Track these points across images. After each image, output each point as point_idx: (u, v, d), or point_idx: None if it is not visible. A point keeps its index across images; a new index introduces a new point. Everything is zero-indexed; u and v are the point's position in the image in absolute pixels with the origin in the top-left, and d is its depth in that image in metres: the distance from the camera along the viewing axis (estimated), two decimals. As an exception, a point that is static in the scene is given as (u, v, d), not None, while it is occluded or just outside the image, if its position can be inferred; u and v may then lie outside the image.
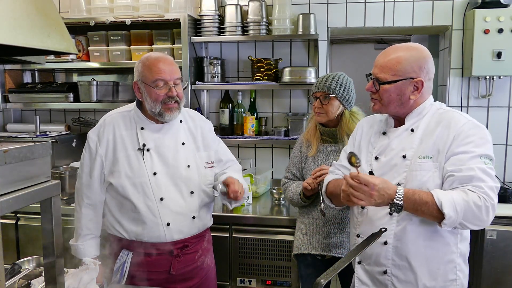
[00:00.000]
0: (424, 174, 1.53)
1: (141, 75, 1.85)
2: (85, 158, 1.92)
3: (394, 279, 1.60)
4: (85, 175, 1.91)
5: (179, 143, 1.93)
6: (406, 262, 1.58)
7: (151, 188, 1.85)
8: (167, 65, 1.84)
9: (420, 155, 1.56)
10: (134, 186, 1.85)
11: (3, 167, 0.95)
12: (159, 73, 1.81)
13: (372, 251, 1.63)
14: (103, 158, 1.88)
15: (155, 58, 1.85)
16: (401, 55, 1.58)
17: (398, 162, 1.60)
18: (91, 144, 1.90)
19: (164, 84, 1.82)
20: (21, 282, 1.52)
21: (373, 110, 1.68)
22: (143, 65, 1.85)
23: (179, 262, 1.91)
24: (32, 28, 1.01)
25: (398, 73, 1.57)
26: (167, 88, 1.82)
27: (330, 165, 2.14)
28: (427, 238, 1.56)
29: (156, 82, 1.81)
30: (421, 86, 1.58)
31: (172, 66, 1.86)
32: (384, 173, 1.61)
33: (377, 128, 1.75)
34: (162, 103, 1.83)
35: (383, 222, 1.59)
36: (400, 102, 1.60)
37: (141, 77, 1.85)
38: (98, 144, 1.89)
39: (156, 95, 1.81)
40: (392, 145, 1.64)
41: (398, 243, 1.58)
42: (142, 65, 1.86)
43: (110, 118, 1.94)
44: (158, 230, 1.85)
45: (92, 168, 1.89)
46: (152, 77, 1.81)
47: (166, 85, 1.82)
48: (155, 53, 1.92)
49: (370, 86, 1.64)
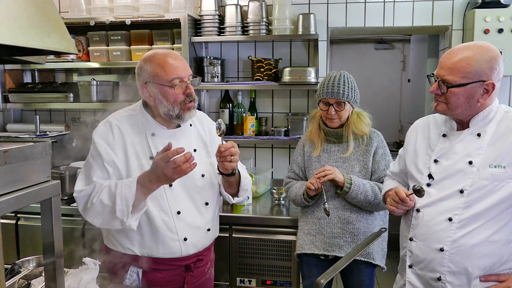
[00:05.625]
0: (496, 184, 1.46)
1: (152, 76, 1.67)
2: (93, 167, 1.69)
3: (448, 285, 1.53)
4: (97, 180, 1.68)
5: (191, 150, 1.75)
6: (463, 269, 1.50)
7: (167, 201, 1.71)
8: (179, 60, 1.69)
9: (491, 164, 1.49)
10: (150, 199, 1.66)
11: (3, 167, 0.95)
12: (175, 71, 1.65)
13: (425, 256, 1.56)
14: (118, 166, 1.69)
15: (164, 55, 1.69)
16: (471, 55, 1.46)
17: (463, 168, 1.52)
18: (100, 151, 1.68)
19: (179, 82, 1.66)
20: (21, 282, 1.52)
21: (436, 110, 1.58)
22: (154, 64, 1.67)
23: (192, 276, 1.81)
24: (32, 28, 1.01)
25: (469, 76, 1.46)
26: (184, 86, 1.67)
27: (334, 165, 2.15)
28: (487, 245, 1.48)
29: (173, 81, 1.65)
30: (491, 89, 1.49)
31: (183, 61, 1.72)
32: (446, 177, 1.56)
33: (434, 130, 1.67)
34: (180, 104, 1.67)
35: (442, 227, 1.53)
36: (468, 105, 1.50)
37: (152, 78, 1.67)
38: (109, 150, 1.69)
39: (175, 95, 1.66)
40: (456, 149, 1.56)
41: (455, 250, 1.50)
42: (152, 64, 1.68)
43: (116, 121, 1.75)
44: (174, 246, 1.72)
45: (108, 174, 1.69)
46: (167, 76, 1.65)
47: (182, 83, 1.67)
48: (160, 49, 1.76)
49: (436, 89, 1.53)
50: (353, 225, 2.13)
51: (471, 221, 1.49)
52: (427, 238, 1.56)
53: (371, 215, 2.17)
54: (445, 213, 1.52)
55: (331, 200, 2.15)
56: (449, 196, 1.54)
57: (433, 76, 1.57)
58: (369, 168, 2.16)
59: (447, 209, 1.53)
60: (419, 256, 1.59)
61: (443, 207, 1.54)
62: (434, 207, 1.57)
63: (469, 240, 1.49)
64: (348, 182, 2.06)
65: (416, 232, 1.61)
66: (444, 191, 1.56)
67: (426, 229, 1.57)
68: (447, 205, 1.54)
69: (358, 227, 2.13)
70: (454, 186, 1.52)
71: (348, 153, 2.16)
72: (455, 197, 1.53)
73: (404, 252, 1.67)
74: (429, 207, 1.58)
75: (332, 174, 2.04)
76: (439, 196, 1.57)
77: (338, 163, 2.17)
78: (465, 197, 1.51)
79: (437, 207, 1.56)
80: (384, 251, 2.22)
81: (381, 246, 2.20)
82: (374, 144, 2.17)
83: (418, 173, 1.67)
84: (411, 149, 1.74)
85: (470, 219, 1.49)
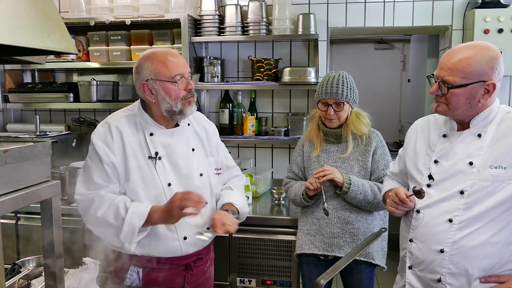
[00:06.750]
0: (497, 185, 1.46)
1: (154, 73, 1.70)
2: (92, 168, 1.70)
3: (449, 286, 1.53)
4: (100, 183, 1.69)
5: (190, 150, 1.82)
6: (463, 270, 1.50)
7: (167, 201, 1.70)
8: (178, 58, 1.74)
9: (491, 165, 1.48)
10: (149, 199, 1.70)
11: (3, 167, 0.95)
12: (177, 67, 1.70)
13: (425, 257, 1.56)
14: (117, 166, 1.70)
15: (165, 52, 1.73)
16: (471, 55, 1.45)
17: (464, 169, 1.52)
18: (99, 152, 1.69)
19: (181, 78, 1.71)
20: (21, 282, 1.52)
21: (437, 111, 1.58)
22: (156, 62, 1.70)
23: (192, 275, 1.83)
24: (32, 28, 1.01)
25: (469, 76, 1.45)
26: (185, 82, 1.72)
27: (333, 165, 2.15)
28: (487, 246, 1.48)
29: (175, 78, 1.69)
30: (492, 89, 1.47)
31: (182, 58, 1.77)
32: (446, 178, 1.55)
33: (435, 130, 1.67)
34: (182, 100, 1.72)
35: (442, 228, 1.52)
36: (469, 106, 1.49)
37: (154, 75, 1.70)
38: (108, 151, 1.69)
39: (178, 91, 1.70)
40: (456, 150, 1.56)
41: (455, 251, 1.50)
42: (153, 62, 1.70)
43: (115, 121, 1.76)
44: (174, 245, 1.74)
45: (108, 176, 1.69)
46: (170, 72, 1.69)
47: (184, 79, 1.72)
48: (158, 48, 1.79)
49: (436, 90, 1.52)
50: (353, 225, 2.13)
51: (472, 222, 1.49)
52: (427, 239, 1.56)
53: (370, 215, 2.17)
54: (445, 214, 1.52)
55: (331, 200, 2.15)
56: (449, 197, 1.54)
57: (433, 77, 1.56)
58: (368, 168, 2.16)
59: (447, 210, 1.53)
60: (419, 257, 1.58)
61: (443, 208, 1.54)
62: (434, 208, 1.56)
63: (469, 242, 1.48)
64: (347, 182, 2.06)
65: (416, 233, 1.60)
66: (444, 192, 1.56)
67: (426, 230, 1.57)
68: (447, 206, 1.53)
69: (358, 227, 2.13)
70: (454, 187, 1.52)
71: (347, 153, 2.16)
72: (455, 198, 1.52)
73: (404, 253, 1.67)
74: (429, 208, 1.58)
75: (331, 174, 2.04)
76: (439, 197, 1.56)
77: (337, 163, 2.17)
78: (465, 198, 1.50)
79: (437, 208, 1.56)
80: (384, 251, 2.22)
81: (381, 246, 2.20)
82: (373, 144, 2.17)
83: (418, 173, 1.66)
84: (411, 150, 1.73)
85: (470, 220, 1.49)
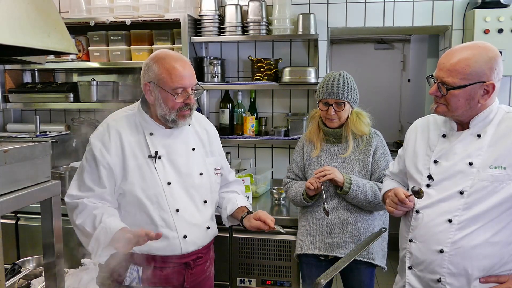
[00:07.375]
0: (496, 185, 1.46)
1: (157, 78, 1.68)
2: (85, 170, 1.71)
3: (448, 286, 1.53)
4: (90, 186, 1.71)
5: (189, 149, 1.82)
6: (463, 270, 1.50)
7: (166, 199, 1.72)
8: (187, 69, 1.70)
9: (491, 165, 1.48)
10: (148, 198, 1.71)
11: (3, 167, 0.95)
12: (180, 81, 1.67)
13: (425, 257, 1.56)
14: (113, 167, 1.70)
15: (174, 60, 1.69)
16: (470, 56, 1.45)
17: (463, 169, 1.52)
18: (95, 152, 1.69)
19: (182, 91, 1.68)
20: (21, 282, 1.52)
21: (437, 112, 1.58)
22: (162, 68, 1.67)
23: (192, 274, 1.83)
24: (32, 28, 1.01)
25: (468, 77, 1.45)
26: (185, 96, 1.69)
27: (333, 165, 2.15)
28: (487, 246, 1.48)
29: (176, 90, 1.67)
30: (492, 90, 1.47)
31: (191, 70, 1.73)
32: (446, 178, 1.55)
33: (434, 130, 1.67)
34: (178, 111, 1.70)
35: (441, 229, 1.52)
36: (469, 106, 1.49)
37: (157, 81, 1.68)
38: (104, 152, 1.70)
39: (174, 103, 1.68)
40: (455, 150, 1.55)
41: (455, 251, 1.50)
42: (159, 67, 1.68)
43: (114, 121, 1.76)
44: (174, 244, 1.74)
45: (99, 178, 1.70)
46: (172, 84, 1.66)
47: (184, 93, 1.69)
48: (171, 52, 1.75)
49: (435, 91, 1.52)
50: (353, 225, 2.13)
51: (471, 223, 1.49)
52: (427, 239, 1.56)
53: (371, 215, 2.17)
54: (445, 214, 1.52)
55: (331, 200, 2.15)
56: (449, 197, 1.54)
57: (432, 78, 1.56)
58: (369, 168, 2.15)
59: (447, 210, 1.53)
60: (418, 258, 1.58)
61: (443, 208, 1.54)
62: (434, 208, 1.56)
63: (469, 242, 1.48)
64: (347, 182, 2.06)
65: (415, 233, 1.60)
66: (444, 192, 1.55)
67: (425, 231, 1.57)
68: (447, 206, 1.53)
69: (358, 227, 2.13)
70: (454, 187, 1.52)
71: (347, 153, 2.16)
72: (455, 198, 1.52)
73: (404, 253, 1.67)
74: (429, 208, 1.58)
75: (331, 174, 2.04)
76: (439, 197, 1.56)
77: (338, 163, 2.17)
78: (465, 198, 1.50)
79: (437, 208, 1.55)
80: (384, 251, 2.22)
81: (381, 246, 2.20)
82: (373, 144, 2.17)
83: (417, 173, 1.66)
84: (410, 150, 1.73)
85: (470, 220, 1.48)
